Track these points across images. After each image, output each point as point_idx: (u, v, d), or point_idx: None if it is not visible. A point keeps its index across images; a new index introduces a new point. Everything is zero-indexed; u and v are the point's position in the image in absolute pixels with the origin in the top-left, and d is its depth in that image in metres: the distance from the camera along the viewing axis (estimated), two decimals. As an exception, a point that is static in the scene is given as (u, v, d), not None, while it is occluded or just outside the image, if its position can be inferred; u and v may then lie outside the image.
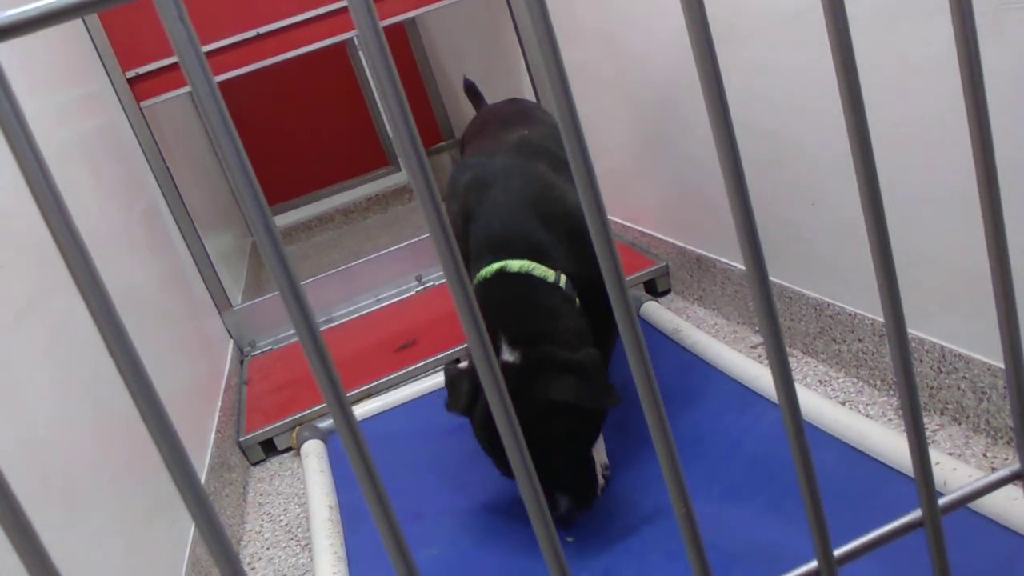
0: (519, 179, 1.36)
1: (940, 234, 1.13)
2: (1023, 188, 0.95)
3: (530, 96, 2.55)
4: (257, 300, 2.35)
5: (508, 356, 1.21)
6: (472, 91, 2.06)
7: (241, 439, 1.80)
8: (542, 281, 1.26)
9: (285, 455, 1.82)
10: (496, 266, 1.27)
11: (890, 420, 1.29)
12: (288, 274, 0.34)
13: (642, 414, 0.43)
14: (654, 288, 2.00)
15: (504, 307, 1.24)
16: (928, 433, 1.22)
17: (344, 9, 2.18)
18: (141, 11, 2.00)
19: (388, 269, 2.41)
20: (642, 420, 0.44)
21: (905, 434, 0.48)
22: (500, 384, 0.40)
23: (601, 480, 1.29)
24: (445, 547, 1.28)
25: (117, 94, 2.08)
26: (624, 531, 1.20)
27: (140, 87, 2.10)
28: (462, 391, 1.25)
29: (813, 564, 0.47)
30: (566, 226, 1.32)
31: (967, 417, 1.20)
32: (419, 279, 2.41)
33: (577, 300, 1.30)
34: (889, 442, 1.15)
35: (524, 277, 1.26)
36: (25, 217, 1.12)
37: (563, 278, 1.28)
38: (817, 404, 1.29)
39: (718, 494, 1.21)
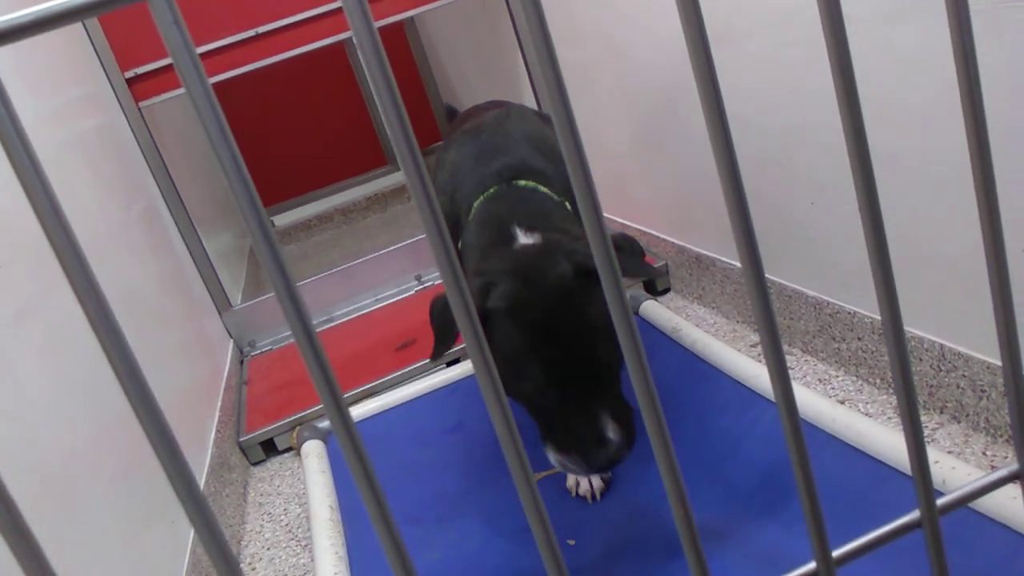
0: (511, 123, 1.32)
1: (940, 232, 1.13)
2: (1021, 186, 0.95)
3: (529, 95, 2.55)
4: (257, 300, 2.35)
5: (525, 239, 1.10)
6: (454, 117, 2.04)
7: (241, 439, 1.80)
8: (545, 194, 1.19)
9: (285, 455, 1.82)
10: (499, 187, 1.20)
11: (890, 418, 1.29)
12: (285, 279, 0.34)
13: (640, 414, 0.43)
14: (653, 287, 2.00)
15: (515, 205, 1.15)
16: (928, 431, 1.22)
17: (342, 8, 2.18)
18: (139, 12, 2.00)
19: (388, 268, 2.41)
20: (641, 420, 0.44)
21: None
22: (495, 381, 0.40)
23: (600, 483, 1.29)
24: (446, 551, 1.28)
25: (116, 94, 2.08)
26: (624, 532, 1.20)
27: (139, 87, 2.10)
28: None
29: (811, 565, 0.47)
30: (561, 161, 1.26)
31: (967, 415, 1.20)
32: (419, 278, 2.41)
33: None
34: (888, 441, 1.15)
35: (531, 189, 1.18)
36: (23, 217, 1.12)
37: (567, 204, 1.22)
38: (816, 403, 1.29)
39: (718, 494, 1.21)
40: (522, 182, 1.19)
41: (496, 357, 1.02)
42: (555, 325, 0.99)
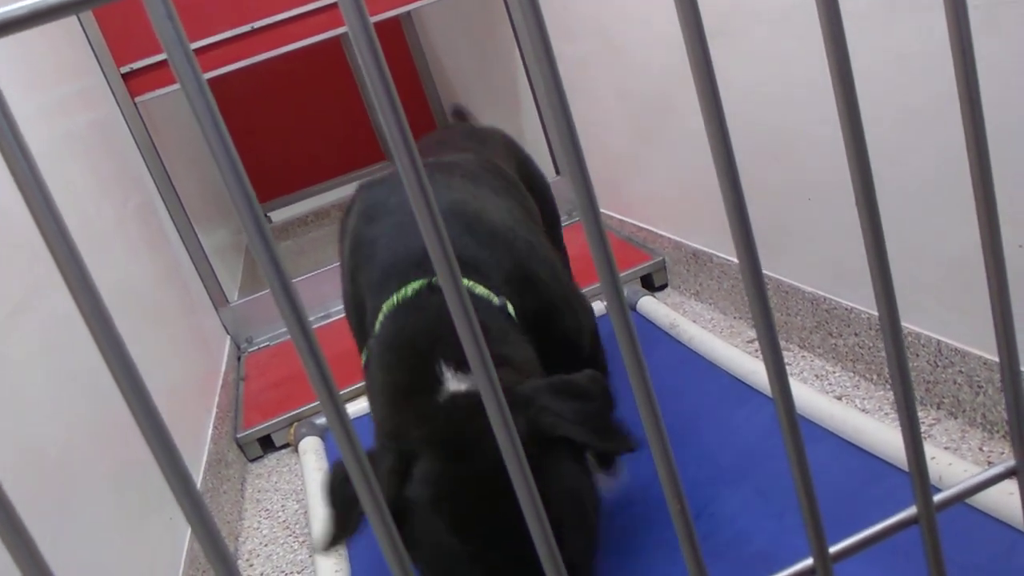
0: (432, 178, 1.04)
1: (937, 228, 1.13)
2: (1018, 183, 0.95)
3: (527, 90, 2.54)
4: (254, 296, 2.34)
5: (455, 384, 0.83)
6: (460, 117, 1.98)
7: (238, 436, 1.80)
8: (485, 300, 0.92)
9: (283, 451, 1.82)
10: (419, 283, 0.92)
11: (887, 414, 1.29)
12: (280, 275, 0.34)
13: (637, 410, 0.43)
14: (651, 283, 2.00)
15: (441, 326, 0.86)
16: (924, 427, 1.22)
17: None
18: (135, 6, 2.00)
19: (385, 264, 2.40)
20: (637, 416, 0.44)
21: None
22: (505, 412, 0.40)
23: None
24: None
25: (111, 89, 2.07)
26: (620, 529, 1.20)
27: (134, 82, 2.09)
28: (374, 479, 0.68)
29: (808, 562, 0.47)
30: (502, 244, 0.99)
31: (963, 411, 1.20)
32: (416, 274, 2.40)
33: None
34: (885, 437, 1.15)
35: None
36: (20, 213, 1.12)
37: (509, 305, 0.94)
38: (813, 399, 1.29)
39: (714, 491, 1.21)
40: None
41: (415, 554, 0.73)
42: (494, 520, 0.73)
